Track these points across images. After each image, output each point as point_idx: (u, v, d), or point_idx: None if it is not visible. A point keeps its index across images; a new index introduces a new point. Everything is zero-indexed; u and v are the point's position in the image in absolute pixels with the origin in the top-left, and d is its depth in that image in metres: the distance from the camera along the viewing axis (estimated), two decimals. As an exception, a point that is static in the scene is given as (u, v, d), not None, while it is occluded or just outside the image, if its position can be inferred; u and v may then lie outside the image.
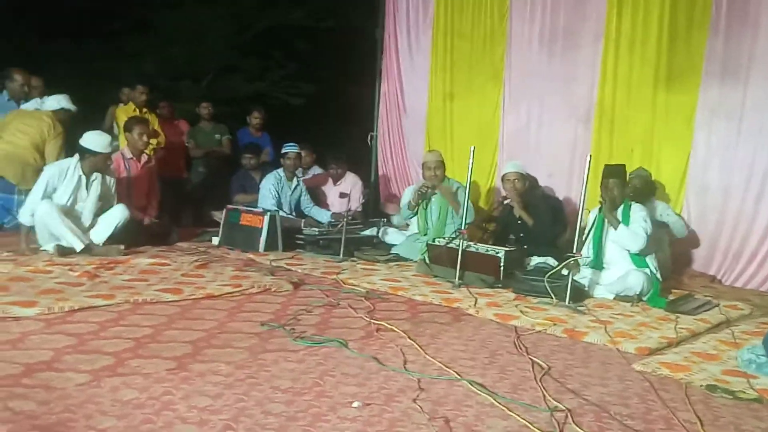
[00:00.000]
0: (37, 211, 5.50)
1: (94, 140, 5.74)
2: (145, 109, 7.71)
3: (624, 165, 5.49)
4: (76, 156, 5.76)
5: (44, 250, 5.52)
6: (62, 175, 5.67)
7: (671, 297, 5.19)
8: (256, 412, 2.60)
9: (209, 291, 4.52)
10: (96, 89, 7.72)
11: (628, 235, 5.13)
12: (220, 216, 6.83)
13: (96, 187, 5.83)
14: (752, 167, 6.12)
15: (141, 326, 3.70)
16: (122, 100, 8.14)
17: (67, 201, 5.67)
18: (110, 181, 5.99)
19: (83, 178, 5.76)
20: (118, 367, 3.02)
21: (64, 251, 5.41)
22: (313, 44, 13.39)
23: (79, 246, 5.50)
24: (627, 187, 5.48)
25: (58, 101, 6.51)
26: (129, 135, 6.48)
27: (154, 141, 7.32)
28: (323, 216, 7.14)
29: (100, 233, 5.79)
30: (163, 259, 5.50)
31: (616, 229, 5.17)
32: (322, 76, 13.40)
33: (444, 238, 5.77)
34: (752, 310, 5.06)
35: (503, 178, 6.08)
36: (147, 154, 6.70)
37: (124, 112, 7.62)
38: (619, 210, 5.28)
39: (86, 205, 5.79)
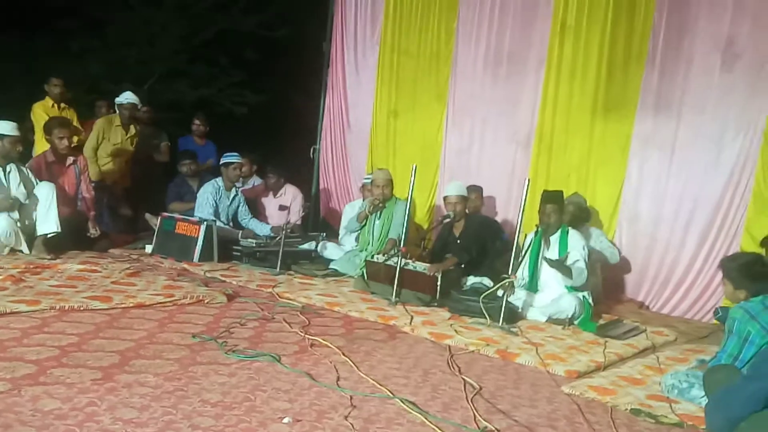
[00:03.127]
0: None
1: None
2: (63, 104, 7.20)
3: (562, 191, 5.61)
4: None
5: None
6: None
7: (601, 321, 5.31)
8: (183, 426, 2.55)
9: (140, 300, 4.42)
10: (39, 88, 7.29)
11: (575, 274, 5.18)
12: (154, 220, 6.67)
13: (15, 178, 5.67)
14: (682, 198, 6.34)
15: (66, 334, 3.58)
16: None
17: None
18: (27, 171, 5.83)
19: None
20: (40, 375, 2.92)
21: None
22: (262, 53, 13.27)
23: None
24: (564, 213, 5.59)
25: (125, 97, 7.35)
26: (49, 138, 6.13)
27: (75, 138, 6.94)
28: (262, 229, 7.04)
29: (47, 223, 5.67)
30: (93, 266, 5.34)
31: (571, 279, 5.21)
32: (268, 86, 13.27)
33: (383, 255, 5.77)
34: (677, 336, 5.23)
35: (445, 200, 6.13)
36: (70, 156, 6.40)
37: (41, 107, 7.09)
38: (557, 235, 5.38)
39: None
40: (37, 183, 5.83)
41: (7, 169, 5.67)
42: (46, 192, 5.74)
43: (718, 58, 6.14)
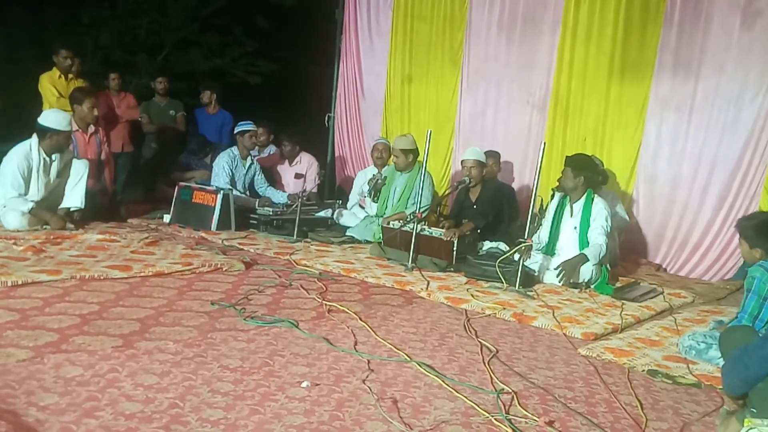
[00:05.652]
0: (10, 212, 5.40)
1: (54, 118, 5.55)
2: (71, 75, 6.92)
3: (582, 155, 5.56)
4: (34, 137, 5.53)
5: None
6: (29, 162, 5.48)
7: (618, 284, 5.30)
8: (203, 391, 2.58)
9: (159, 269, 4.45)
10: (49, 59, 7.24)
11: (593, 255, 5.11)
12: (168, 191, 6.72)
13: (56, 168, 5.67)
14: (700, 159, 6.27)
15: (87, 303, 3.63)
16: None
17: (38, 192, 5.53)
18: (69, 158, 5.83)
19: (47, 160, 5.58)
20: (62, 343, 2.96)
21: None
22: (275, 22, 13.17)
23: None
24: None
25: None
26: (78, 107, 6.18)
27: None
28: (278, 198, 7.06)
29: (72, 197, 5.69)
30: (112, 236, 5.38)
31: (589, 260, 5.13)
32: (282, 54, 13.20)
33: (399, 221, 5.77)
34: (694, 298, 5.22)
35: (462, 164, 6.10)
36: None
37: (47, 78, 6.82)
38: (581, 202, 5.33)
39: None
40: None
41: (53, 158, 5.63)
42: (79, 167, 5.76)
43: (738, 16, 6.03)
